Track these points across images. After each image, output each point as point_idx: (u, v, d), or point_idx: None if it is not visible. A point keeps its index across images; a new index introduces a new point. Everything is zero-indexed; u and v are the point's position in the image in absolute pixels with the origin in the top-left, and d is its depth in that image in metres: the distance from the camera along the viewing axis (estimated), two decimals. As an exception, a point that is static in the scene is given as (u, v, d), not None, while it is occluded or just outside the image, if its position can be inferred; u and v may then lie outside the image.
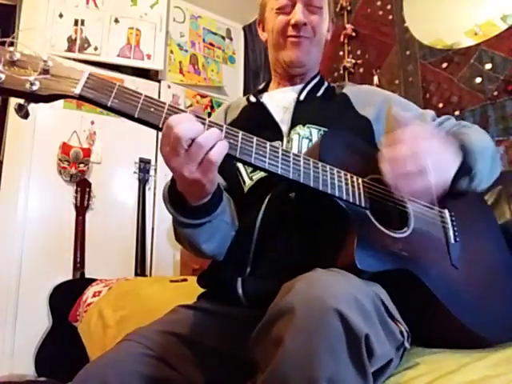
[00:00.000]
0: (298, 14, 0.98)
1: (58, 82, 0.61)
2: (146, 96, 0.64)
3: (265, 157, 0.68)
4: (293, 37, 1.00)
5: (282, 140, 0.92)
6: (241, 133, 0.68)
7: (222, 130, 0.66)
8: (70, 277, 2.29)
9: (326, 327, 0.51)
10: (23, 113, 0.60)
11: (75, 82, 0.61)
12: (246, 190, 0.91)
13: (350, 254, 0.68)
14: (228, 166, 0.89)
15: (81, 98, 0.61)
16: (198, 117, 0.66)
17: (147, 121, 0.63)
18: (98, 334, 1.57)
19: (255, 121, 0.95)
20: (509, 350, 0.74)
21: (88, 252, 2.36)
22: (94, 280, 2.12)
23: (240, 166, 0.93)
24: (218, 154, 0.63)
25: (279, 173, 0.69)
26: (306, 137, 0.92)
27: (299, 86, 1.04)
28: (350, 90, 1.05)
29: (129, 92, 0.63)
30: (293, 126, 0.94)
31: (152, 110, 0.63)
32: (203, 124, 0.65)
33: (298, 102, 1.00)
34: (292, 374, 0.51)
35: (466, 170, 0.79)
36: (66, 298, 2.07)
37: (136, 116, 0.62)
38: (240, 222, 0.88)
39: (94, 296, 1.89)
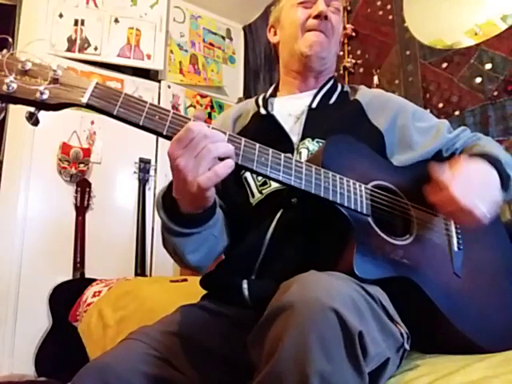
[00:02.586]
0: (322, 5, 0.99)
1: (66, 91, 0.63)
2: (150, 104, 0.66)
3: (267, 164, 0.69)
4: (313, 30, 0.99)
5: (292, 152, 0.91)
6: (243, 139, 0.69)
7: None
8: (70, 277, 2.29)
9: (322, 324, 0.52)
10: (33, 120, 0.63)
11: (83, 91, 0.64)
12: (254, 202, 0.89)
13: (350, 261, 0.68)
14: (233, 176, 0.90)
15: (88, 106, 0.64)
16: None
17: (152, 128, 0.65)
18: (97, 333, 1.57)
19: (266, 134, 0.93)
20: (507, 352, 0.74)
21: (88, 252, 2.36)
22: (93, 280, 2.12)
23: (249, 177, 0.92)
24: (223, 170, 0.64)
25: (281, 179, 0.70)
26: (314, 151, 0.89)
27: (312, 92, 1.02)
28: (364, 96, 1.02)
29: (134, 100, 0.65)
30: (303, 138, 0.92)
31: (157, 117, 0.65)
32: None
33: (309, 110, 0.97)
34: (287, 371, 0.51)
35: (505, 182, 0.83)
36: (66, 298, 2.07)
37: (141, 124, 0.65)
38: (248, 233, 0.87)
39: (93, 296, 1.89)
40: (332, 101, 1.01)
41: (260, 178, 0.90)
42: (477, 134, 1.03)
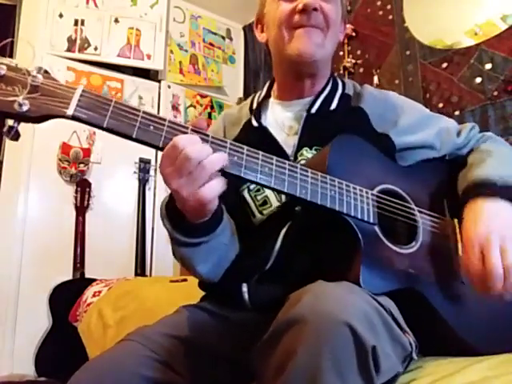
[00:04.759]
0: None
1: (48, 101, 0.56)
2: (144, 112, 0.60)
3: (271, 174, 0.65)
4: (300, 27, 0.84)
5: None
6: (245, 148, 0.66)
7: (226, 147, 0.64)
8: (70, 277, 2.28)
9: (335, 340, 0.51)
10: (13, 134, 0.56)
11: (67, 101, 0.57)
12: (256, 223, 0.85)
13: (356, 274, 0.67)
14: (233, 197, 0.85)
15: (74, 118, 0.58)
16: (200, 133, 0.63)
17: (146, 141, 0.60)
18: (97, 334, 1.57)
19: (257, 147, 0.91)
20: (508, 353, 0.74)
21: (88, 252, 2.36)
22: (94, 280, 2.12)
23: (247, 196, 0.86)
24: (210, 191, 0.60)
25: (285, 191, 0.67)
26: (318, 152, 0.84)
27: (309, 99, 0.92)
28: (369, 102, 0.92)
29: (126, 109, 0.59)
30: (299, 148, 0.85)
31: (151, 128, 0.60)
32: (206, 140, 0.63)
33: (308, 116, 0.88)
34: None
35: None
36: (66, 298, 2.07)
37: (134, 136, 0.59)
38: (254, 249, 0.83)
39: (93, 296, 1.89)
40: (333, 106, 0.92)
41: (259, 197, 0.85)
42: (484, 134, 0.97)
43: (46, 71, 0.59)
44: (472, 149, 0.94)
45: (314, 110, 0.90)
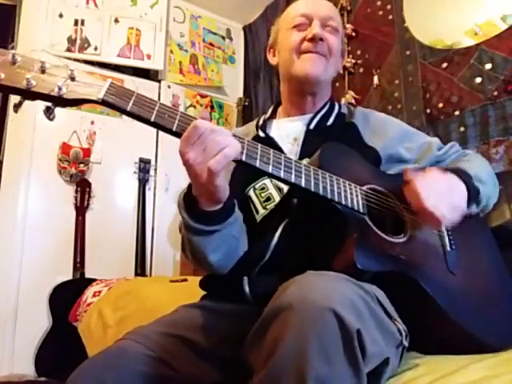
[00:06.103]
0: (316, 28, 0.98)
1: (83, 87, 0.68)
2: (160, 103, 0.71)
3: (269, 162, 0.72)
4: (308, 52, 0.99)
5: None
6: (246, 139, 0.72)
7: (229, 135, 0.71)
8: (70, 277, 2.29)
9: (320, 325, 0.53)
10: (50, 115, 0.67)
11: (99, 88, 0.68)
12: (259, 219, 0.91)
13: (350, 255, 0.70)
14: (239, 198, 0.91)
15: (103, 102, 0.68)
16: None
17: (162, 125, 0.69)
18: (98, 333, 1.57)
19: None
20: (507, 352, 0.74)
21: (88, 252, 2.36)
22: (94, 280, 2.12)
23: (252, 194, 0.93)
24: (218, 162, 0.66)
25: (282, 176, 0.72)
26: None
27: (309, 116, 1.03)
28: (359, 119, 1.04)
29: (146, 99, 0.70)
30: (300, 158, 0.93)
31: (166, 116, 0.70)
32: None
33: (307, 131, 0.99)
34: (286, 372, 0.52)
35: (473, 196, 0.85)
36: (66, 298, 2.07)
37: (152, 120, 0.68)
38: (253, 243, 0.88)
39: (93, 296, 1.89)
40: (329, 122, 1.03)
41: (264, 194, 0.92)
42: (465, 151, 1.07)
43: (80, 69, 0.70)
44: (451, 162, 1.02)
45: (312, 125, 1.01)
